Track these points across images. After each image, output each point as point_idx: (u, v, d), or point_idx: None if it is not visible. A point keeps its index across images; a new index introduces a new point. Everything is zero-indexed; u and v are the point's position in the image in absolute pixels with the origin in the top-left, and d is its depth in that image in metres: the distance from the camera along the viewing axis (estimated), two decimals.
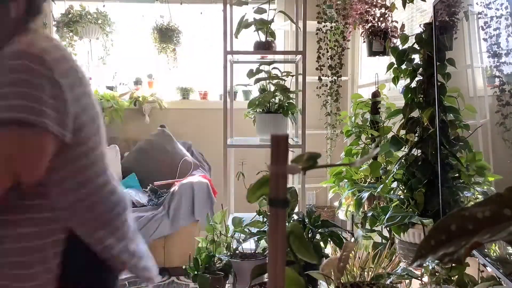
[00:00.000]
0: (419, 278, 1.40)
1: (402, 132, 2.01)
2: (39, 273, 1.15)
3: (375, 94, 2.52)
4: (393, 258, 1.72)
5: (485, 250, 1.31)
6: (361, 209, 2.19)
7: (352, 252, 1.44)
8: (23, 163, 1.10)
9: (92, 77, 4.63)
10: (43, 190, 1.15)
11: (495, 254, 1.29)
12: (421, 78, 1.93)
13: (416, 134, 1.94)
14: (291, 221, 1.72)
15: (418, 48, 1.94)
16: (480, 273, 1.48)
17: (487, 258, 1.29)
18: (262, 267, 1.09)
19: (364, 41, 2.86)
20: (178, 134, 4.43)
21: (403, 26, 2.38)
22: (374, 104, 2.50)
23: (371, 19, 2.71)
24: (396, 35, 2.69)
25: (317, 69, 3.49)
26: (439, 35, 1.65)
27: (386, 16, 2.69)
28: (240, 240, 1.82)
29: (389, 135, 2.23)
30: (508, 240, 0.47)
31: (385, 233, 2.12)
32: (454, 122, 1.64)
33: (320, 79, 3.53)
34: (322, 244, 1.67)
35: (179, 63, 4.56)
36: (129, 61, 4.67)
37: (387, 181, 2.01)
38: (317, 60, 3.49)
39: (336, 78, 3.49)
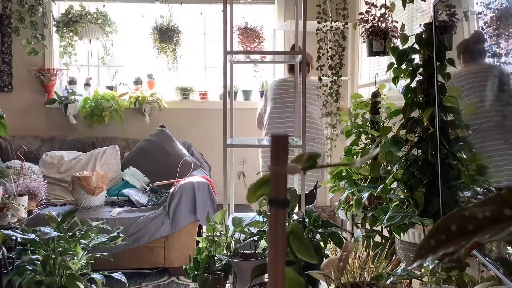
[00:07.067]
0: (419, 278, 1.40)
1: (402, 132, 2.01)
2: None
3: (375, 94, 2.52)
4: (393, 258, 1.72)
5: (485, 250, 1.30)
6: (361, 209, 2.19)
7: (352, 252, 1.44)
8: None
9: (92, 77, 4.64)
10: None
11: (495, 254, 1.29)
12: (421, 78, 1.92)
13: (416, 134, 1.94)
14: (291, 221, 1.72)
15: (418, 48, 1.94)
16: (480, 273, 1.48)
17: (487, 258, 1.28)
18: (262, 267, 1.09)
19: (364, 41, 2.86)
20: (178, 134, 4.43)
21: (403, 26, 2.37)
22: (374, 104, 2.50)
23: (371, 19, 2.71)
24: (396, 35, 2.69)
25: (317, 69, 3.49)
26: (439, 35, 1.65)
27: (386, 16, 2.69)
28: (240, 240, 1.82)
29: (389, 135, 2.22)
30: (508, 240, 0.47)
31: (385, 233, 2.12)
32: (454, 122, 1.64)
33: (320, 79, 3.53)
34: (322, 244, 1.67)
35: (179, 63, 4.55)
36: (129, 61, 4.67)
37: (387, 181, 2.01)
38: (317, 60, 3.49)
39: (336, 78, 3.49)
